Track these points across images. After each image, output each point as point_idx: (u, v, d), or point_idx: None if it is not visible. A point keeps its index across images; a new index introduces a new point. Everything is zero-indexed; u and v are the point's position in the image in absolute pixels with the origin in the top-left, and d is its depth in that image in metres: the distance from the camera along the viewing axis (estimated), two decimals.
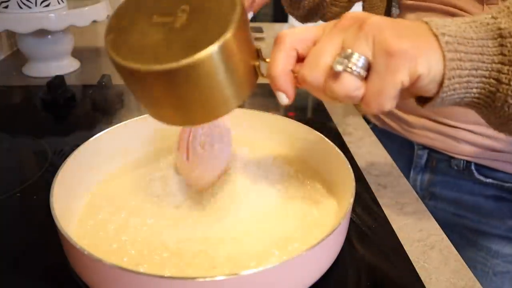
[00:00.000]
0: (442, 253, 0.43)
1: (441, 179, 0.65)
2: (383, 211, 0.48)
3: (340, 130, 0.67)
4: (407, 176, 0.68)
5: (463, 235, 0.64)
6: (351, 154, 0.60)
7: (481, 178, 0.60)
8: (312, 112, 0.77)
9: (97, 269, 0.32)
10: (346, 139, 0.64)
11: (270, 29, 1.28)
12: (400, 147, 0.67)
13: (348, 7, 0.73)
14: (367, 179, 0.54)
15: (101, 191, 0.45)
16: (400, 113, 0.66)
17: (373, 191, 0.52)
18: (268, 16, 2.18)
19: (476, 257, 0.63)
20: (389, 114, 0.69)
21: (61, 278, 0.38)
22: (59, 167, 0.40)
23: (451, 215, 0.65)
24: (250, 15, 0.42)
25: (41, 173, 0.53)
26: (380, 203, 0.50)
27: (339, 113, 0.74)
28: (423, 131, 0.63)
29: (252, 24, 1.28)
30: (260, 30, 1.19)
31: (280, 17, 2.07)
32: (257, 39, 1.16)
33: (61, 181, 0.39)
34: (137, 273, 0.30)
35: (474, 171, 0.61)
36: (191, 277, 0.31)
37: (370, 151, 0.62)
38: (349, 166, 0.42)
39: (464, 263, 0.42)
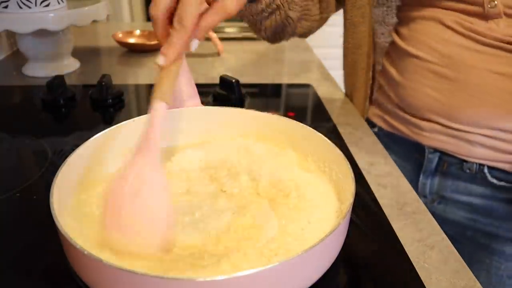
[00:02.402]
0: (442, 253, 0.43)
1: (452, 182, 0.64)
2: (383, 211, 0.48)
3: (340, 130, 0.67)
4: (415, 180, 0.67)
5: (475, 239, 0.63)
6: (351, 154, 0.60)
7: (494, 181, 0.60)
8: (312, 112, 0.77)
9: (97, 269, 0.32)
10: (346, 139, 0.64)
11: None
12: (408, 151, 0.67)
13: (320, 21, 0.69)
14: (367, 179, 0.55)
15: (101, 191, 0.45)
16: (410, 117, 0.65)
17: (373, 191, 0.52)
18: None
19: (490, 261, 0.62)
20: (398, 117, 0.68)
21: (61, 278, 0.38)
22: (59, 167, 0.40)
23: (462, 218, 0.64)
24: (194, 44, 0.40)
25: (41, 173, 0.53)
26: (380, 203, 0.50)
27: (339, 113, 0.74)
28: (435, 134, 0.63)
29: None
30: None
31: None
32: (257, 39, 1.16)
33: (61, 181, 0.39)
34: (137, 273, 0.30)
35: (487, 174, 0.60)
36: (191, 277, 0.31)
37: (370, 151, 0.62)
38: (349, 166, 0.42)
39: (464, 263, 0.42)
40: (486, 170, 0.60)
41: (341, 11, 0.72)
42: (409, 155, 0.65)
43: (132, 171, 0.38)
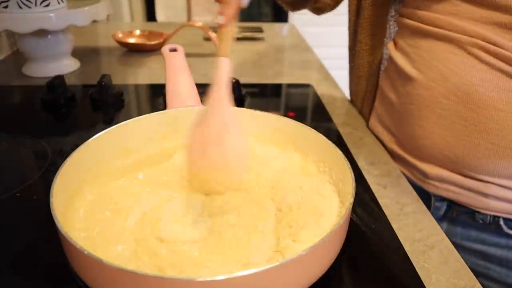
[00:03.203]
0: (442, 253, 0.43)
1: (462, 230, 0.57)
2: (383, 211, 0.48)
3: (340, 130, 0.67)
4: None
5: (487, 286, 0.56)
6: (351, 154, 0.60)
7: (510, 232, 0.53)
8: (312, 112, 0.77)
9: (97, 269, 0.32)
10: (346, 139, 0.64)
11: (270, 29, 1.28)
12: None
13: (334, 5, 0.67)
14: (367, 179, 0.54)
15: (101, 191, 0.45)
16: (414, 161, 0.56)
17: (373, 191, 0.52)
18: (268, 16, 2.18)
19: None
20: (398, 157, 0.59)
21: (61, 278, 0.38)
22: (59, 167, 0.40)
23: (474, 265, 0.56)
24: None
25: (41, 173, 0.53)
26: (380, 203, 0.50)
27: (339, 113, 0.74)
28: (443, 183, 0.54)
29: (252, 24, 1.28)
30: (260, 30, 1.19)
31: (280, 17, 2.07)
32: (257, 39, 1.16)
33: (61, 181, 0.39)
34: (137, 273, 0.30)
35: (503, 225, 0.53)
36: (191, 277, 0.31)
37: (370, 151, 0.62)
38: (349, 166, 0.42)
39: (464, 263, 0.42)
40: (502, 222, 0.53)
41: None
42: None
43: (212, 120, 0.42)
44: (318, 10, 0.71)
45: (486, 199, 0.51)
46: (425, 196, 0.55)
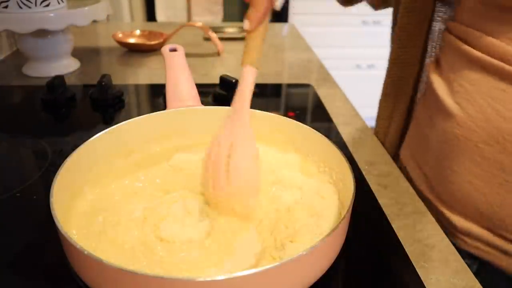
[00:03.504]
0: (442, 253, 0.43)
1: None
2: (383, 211, 0.48)
3: (340, 130, 0.67)
4: None
5: None
6: (351, 154, 0.60)
7: None
8: (312, 112, 0.77)
9: (97, 269, 0.32)
10: (346, 139, 0.64)
11: (270, 29, 1.28)
12: None
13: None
14: (367, 179, 0.54)
15: (101, 191, 0.45)
16: (442, 208, 0.49)
17: (373, 191, 0.52)
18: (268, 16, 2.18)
19: None
20: (428, 203, 0.51)
21: (61, 278, 0.38)
22: (59, 167, 0.40)
23: None
24: (280, 2, 0.42)
25: (41, 173, 0.53)
26: (380, 203, 0.50)
27: (339, 113, 0.74)
28: (475, 241, 0.47)
29: None
30: None
31: (280, 17, 2.07)
32: None
33: (61, 181, 0.39)
34: (137, 273, 0.30)
35: None
36: (191, 277, 0.31)
37: (370, 151, 0.62)
38: (349, 166, 0.42)
39: (464, 263, 0.42)
40: None
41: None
42: None
43: (225, 138, 0.40)
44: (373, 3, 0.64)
45: None
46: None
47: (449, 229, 0.48)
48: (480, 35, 0.41)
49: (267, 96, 0.83)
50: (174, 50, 0.63)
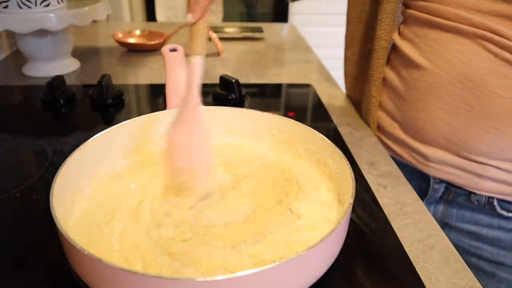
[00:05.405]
0: (442, 253, 0.43)
1: (457, 211, 0.61)
2: (383, 211, 0.48)
3: (340, 130, 0.67)
4: None
5: (480, 266, 0.60)
6: (351, 154, 0.60)
7: (503, 212, 0.57)
8: (312, 112, 0.77)
9: (97, 269, 0.32)
10: (346, 139, 0.64)
11: (270, 29, 1.28)
12: (410, 177, 0.58)
13: None
14: (367, 179, 0.54)
15: (101, 192, 0.45)
16: (415, 144, 0.59)
17: (373, 191, 0.52)
18: (268, 16, 2.18)
19: None
20: (401, 142, 0.62)
21: (61, 278, 0.38)
22: (59, 167, 0.40)
23: (466, 246, 0.61)
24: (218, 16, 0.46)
25: (41, 173, 0.53)
26: (380, 203, 0.50)
27: (339, 113, 0.74)
28: (443, 166, 0.58)
29: (252, 24, 1.28)
30: (260, 30, 1.19)
31: (280, 17, 2.07)
32: (257, 39, 1.16)
33: (61, 181, 0.39)
34: (137, 273, 0.30)
35: (497, 206, 0.57)
36: (191, 277, 0.31)
37: (370, 151, 0.62)
38: (349, 166, 0.42)
39: (464, 263, 0.42)
40: (495, 202, 0.56)
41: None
42: (412, 182, 0.56)
43: (179, 123, 0.43)
44: None
45: (482, 180, 0.55)
46: (424, 180, 0.61)
47: (422, 161, 0.60)
48: (436, 5, 0.53)
49: (267, 96, 0.83)
50: (174, 50, 0.63)
